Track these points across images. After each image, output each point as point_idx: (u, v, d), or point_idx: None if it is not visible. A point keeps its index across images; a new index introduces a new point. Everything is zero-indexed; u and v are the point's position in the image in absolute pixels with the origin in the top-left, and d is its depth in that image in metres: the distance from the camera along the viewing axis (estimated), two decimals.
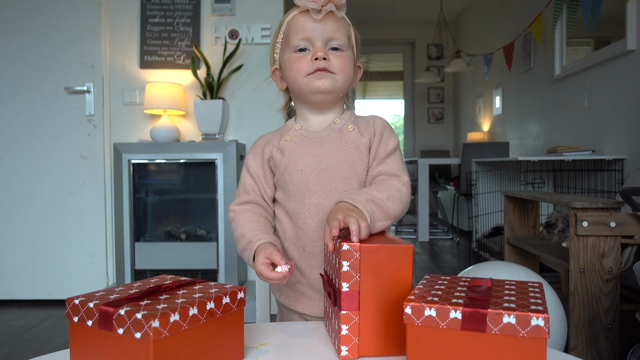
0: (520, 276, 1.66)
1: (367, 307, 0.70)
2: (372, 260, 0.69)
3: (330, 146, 0.96)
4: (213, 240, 2.80)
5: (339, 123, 0.98)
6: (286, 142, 0.98)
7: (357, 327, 0.70)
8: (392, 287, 0.70)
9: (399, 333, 0.70)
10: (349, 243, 0.70)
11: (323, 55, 0.92)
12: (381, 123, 0.98)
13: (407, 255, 0.69)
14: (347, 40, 0.96)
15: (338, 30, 0.94)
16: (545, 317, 0.55)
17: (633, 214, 1.72)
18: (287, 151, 0.97)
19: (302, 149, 0.96)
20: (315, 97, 0.96)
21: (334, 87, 0.95)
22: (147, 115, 3.01)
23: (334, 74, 0.94)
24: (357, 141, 0.96)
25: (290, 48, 0.96)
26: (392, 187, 0.90)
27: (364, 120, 1.00)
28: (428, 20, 6.84)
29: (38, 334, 2.39)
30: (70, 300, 0.66)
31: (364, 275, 0.70)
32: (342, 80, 0.95)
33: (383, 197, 0.86)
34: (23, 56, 2.94)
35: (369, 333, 0.70)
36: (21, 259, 2.94)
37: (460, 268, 3.72)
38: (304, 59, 0.94)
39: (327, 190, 0.93)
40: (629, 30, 2.74)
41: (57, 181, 2.95)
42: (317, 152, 0.95)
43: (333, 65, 0.93)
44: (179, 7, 2.98)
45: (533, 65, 4.21)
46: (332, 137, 0.97)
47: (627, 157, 2.80)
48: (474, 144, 4.68)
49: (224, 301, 0.68)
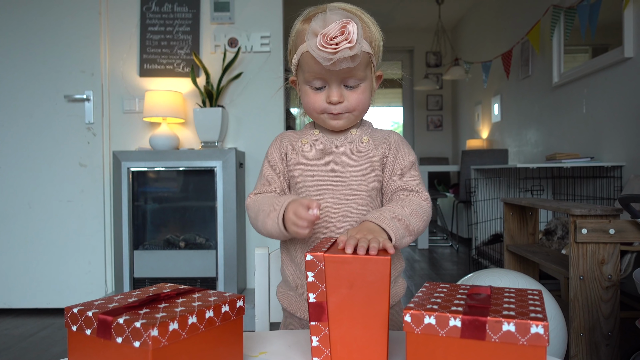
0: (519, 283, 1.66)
1: (340, 319, 0.69)
2: (344, 271, 0.68)
3: (343, 154, 0.96)
4: (212, 248, 2.79)
5: (355, 134, 0.98)
6: (302, 145, 0.99)
7: (327, 339, 0.69)
8: (368, 299, 0.68)
9: (377, 347, 0.68)
10: (313, 253, 0.69)
11: (338, 100, 0.91)
12: (396, 138, 0.99)
13: (384, 267, 0.67)
14: (365, 70, 0.92)
15: (356, 69, 0.89)
16: (545, 325, 0.55)
17: (632, 221, 1.72)
18: (302, 153, 0.98)
19: (316, 153, 0.97)
20: (330, 129, 0.98)
21: (349, 123, 0.96)
22: (147, 123, 3.01)
23: (349, 112, 0.94)
24: (370, 153, 0.96)
25: (304, 79, 0.93)
26: (414, 202, 0.90)
27: (380, 133, 1.00)
28: (426, 28, 6.88)
29: (36, 342, 2.38)
30: (69, 309, 0.65)
31: (334, 286, 0.68)
32: (358, 114, 0.95)
33: (406, 213, 0.86)
34: (23, 64, 2.95)
35: (344, 345, 0.69)
36: (19, 267, 2.93)
37: (460, 275, 3.72)
38: (319, 97, 0.93)
39: (335, 196, 0.94)
40: (626, 37, 2.76)
41: (56, 189, 2.95)
42: (330, 158, 0.96)
43: (349, 104, 0.93)
44: (179, 16, 2.99)
45: (531, 73, 4.23)
46: (347, 146, 0.97)
47: (625, 164, 2.81)
48: (473, 151, 4.69)
49: (223, 309, 0.68)
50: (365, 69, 0.91)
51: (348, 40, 0.81)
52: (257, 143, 3.03)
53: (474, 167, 4.06)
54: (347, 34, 0.81)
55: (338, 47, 0.81)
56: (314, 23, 0.83)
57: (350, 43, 0.81)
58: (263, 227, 0.91)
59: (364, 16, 0.94)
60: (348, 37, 0.81)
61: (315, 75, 0.90)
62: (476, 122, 6.02)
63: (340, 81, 0.91)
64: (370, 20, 0.95)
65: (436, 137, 7.39)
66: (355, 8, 0.94)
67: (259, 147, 3.03)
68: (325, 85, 0.92)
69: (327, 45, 0.82)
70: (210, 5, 2.99)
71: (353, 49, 0.81)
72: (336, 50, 0.81)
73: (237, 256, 2.74)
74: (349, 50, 0.81)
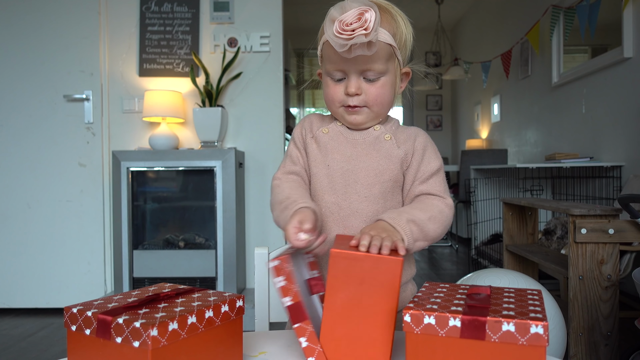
0: (519, 283, 1.66)
1: (348, 315, 0.69)
2: (355, 269, 0.68)
3: (362, 149, 0.94)
4: (212, 248, 2.79)
5: (378, 130, 0.96)
6: (323, 134, 0.97)
7: (315, 336, 0.69)
8: (377, 298, 0.68)
9: (381, 345, 0.68)
10: (278, 258, 0.69)
11: (355, 92, 0.90)
12: (423, 140, 0.95)
13: (395, 268, 0.67)
14: (386, 63, 0.89)
15: (373, 59, 0.87)
16: (545, 325, 0.55)
17: (631, 221, 1.72)
18: (321, 143, 0.96)
19: (335, 144, 0.95)
20: (348, 125, 0.96)
21: (368, 119, 0.94)
22: (146, 123, 3.01)
23: (368, 107, 0.92)
24: (391, 151, 0.94)
25: (326, 71, 0.93)
26: (435, 207, 0.88)
27: (405, 132, 0.97)
28: (426, 28, 6.88)
29: (35, 342, 2.38)
30: (69, 309, 0.65)
31: (343, 282, 0.68)
32: (377, 109, 0.92)
33: (424, 218, 0.84)
34: (22, 64, 2.94)
35: (348, 341, 0.69)
36: (19, 267, 2.93)
37: (459, 275, 3.72)
38: (338, 88, 0.92)
39: (347, 192, 0.92)
40: (625, 37, 2.76)
41: (56, 189, 2.95)
42: (347, 152, 0.94)
43: (367, 98, 0.91)
44: (178, 16, 2.99)
45: (530, 73, 4.23)
46: (367, 141, 0.95)
47: (625, 164, 2.81)
48: (473, 151, 4.69)
49: (222, 309, 0.68)
50: (386, 62, 0.89)
51: (364, 27, 0.80)
52: (257, 143, 3.03)
53: (473, 167, 4.06)
54: (363, 21, 0.80)
55: (353, 34, 0.80)
56: (332, 10, 0.83)
57: (366, 30, 0.80)
58: (277, 220, 0.90)
59: (394, 10, 0.92)
60: (364, 24, 0.80)
61: (335, 66, 0.90)
62: (475, 122, 6.02)
63: (359, 73, 0.89)
64: (401, 15, 0.93)
65: (436, 137, 7.39)
66: (387, 2, 0.92)
67: (258, 147, 3.03)
68: (345, 77, 0.91)
69: (343, 31, 0.81)
70: (210, 5, 2.99)
71: (368, 35, 0.80)
72: (352, 36, 0.80)
73: (236, 256, 2.74)
74: (364, 37, 0.80)
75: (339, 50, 0.83)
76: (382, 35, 0.86)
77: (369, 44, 0.82)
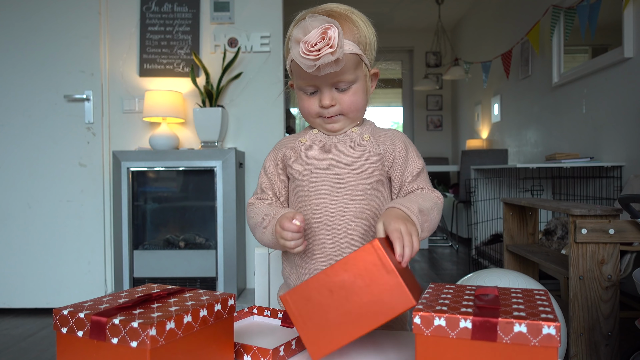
0: (519, 283, 1.65)
1: (338, 298, 0.69)
2: (373, 273, 0.68)
3: (343, 151, 0.96)
4: (212, 248, 2.79)
5: (356, 132, 0.98)
6: (301, 144, 0.99)
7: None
8: (369, 306, 0.68)
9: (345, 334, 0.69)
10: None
11: (330, 104, 0.92)
12: (403, 141, 0.98)
13: (402, 304, 0.67)
14: (355, 71, 0.91)
15: (342, 72, 0.89)
16: (557, 326, 0.55)
17: (632, 221, 1.71)
18: (301, 152, 0.98)
19: (315, 150, 0.97)
20: (328, 131, 0.98)
21: (345, 124, 0.97)
22: (146, 123, 3.01)
23: (343, 115, 0.94)
24: (371, 150, 0.96)
25: (297, 86, 0.95)
26: (432, 198, 0.91)
27: (383, 132, 0.99)
28: (426, 28, 6.87)
29: (35, 343, 2.38)
30: (58, 311, 0.64)
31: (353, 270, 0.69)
32: (353, 115, 0.95)
33: (428, 207, 0.87)
34: (22, 64, 2.94)
35: (321, 319, 0.69)
36: (19, 267, 2.93)
37: (460, 275, 3.71)
38: (313, 101, 0.94)
39: (332, 192, 0.94)
40: (625, 38, 2.76)
41: (56, 189, 2.95)
42: (328, 155, 0.96)
43: (342, 107, 0.93)
44: (179, 16, 2.99)
45: (531, 73, 4.22)
46: (347, 143, 0.97)
47: (625, 164, 2.80)
48: (473, 151, 4.68)
49: (215, 308, 0.69)
50: (354, 70, 0.91)
51: (329, 45, 0.81)
52: (257, 143, 3.03)
53: (473, 167, 4.06)
54: (327, 39, 0.81)
55: (320, 53, 0.81)
56: (295, 31, 0.84)
57: (332, 48, 0.81)
58: (261, 238, 0.94)
59: (353, 15, 0.93)
60: (329, 42, 0.81)
61: (306, 82, 0.91)
62: (476, 122, 6.01)
63: (330, 85, 0.91)
64: (361, 18, 0.94)
65: (436, 137, 7.39)
66: (345, 8, 0.93)
67: (258, 146, 3.03)
68: (318, 90, 0.92)
69: (309, 52, 0.82)
70: (210, 5, 2.99)
71: (335, 53, 0.82)
72: (318, 56, 0.82)
73: (237, 256, 2.74)
74: (331, 55, 0.82)
75: (308, 71, 0.84)
76: (348, 47, 0.87)
77: (336, 60, 0.83)
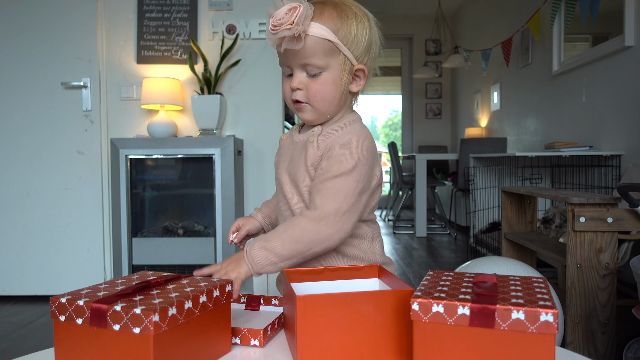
0: (517, 271, 1.66)
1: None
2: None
3: (298, 152, 0.96)
4: (211, 235, 2.80)
5: (315, 131, 0.94)
6: (281, 141, 1.04)
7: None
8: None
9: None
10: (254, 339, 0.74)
11: (297, 86, 0.91)
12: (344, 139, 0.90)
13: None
14: (325, 58, 0.88)
15: (311, 54, 0.87)
16: (555, 313, 0.55)
17: (630, 210, 1.72)
18: (279, 150, 1.04)
19: (284, 150, 1.01)
20: (303, 121, 0.99)
21: (315, 116, 0.93)
22: (144, 110, 3.00)
23: (309, 104, 0.91)
24: (311, 155, 0.92)
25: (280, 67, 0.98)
26: (297, 226, 0.86)
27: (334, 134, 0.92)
28: (426, 15, 6.83)
29: (35, 330, 2.39)
30: (56, 299, 0.64)
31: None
32: (319, 106, 0.91)
33: (278, 245, 0.85)
34: (19, 52, 2.92)
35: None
36: (18, 254, 2.93)
37: (458, 263, 3.73)
38: (287, 84, 0.94)
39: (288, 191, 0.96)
40: (626, 26, 2.74)
41: (54, 177, 2.94)
42: (288, 155, 0.99)
43: (307, 93, 0.91)
44: (176, 2, 2.96)
45: (531, 61, 4.21)
46: (299, 145, 0.96)
47: (624, 153, 2.81)
48: (472, 140, 4.68)
49: (214, 294, 0.69)
50: (325, 56, 0.88)
51: (290, 22, 0.83)
52: (256, 130, 3.02)
53: (472, 155, 4.05)
54: (289, 16, 0.83)
55: (279, 28, 0.84)
56: (270, 8, 0.87)
57: (291, 25, 0.83)
58: None
59: (348, 7, 0.90)
60: (290, 18, 0.83)
61: (281, 61, 0.93)
62: (475, 111, 6.00)
63: (301, 67, 0.90)
64: (361, 13, 0.91)
65: (435, 125, 7.38)
66: (344, 0, 0.91)
67: (257, 134, 3.02)
68: (293, 72, 0.93)
69: (272, 27, 0.85)
70: None
71: (292, 29, 0.83)
72: (277, 30, 0.84)
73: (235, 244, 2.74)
74: (288, 31, 0.83)
75: (271, 46, 0.87)
76: (316, 30, 0.86)
77: (297, 38, 0.84)
